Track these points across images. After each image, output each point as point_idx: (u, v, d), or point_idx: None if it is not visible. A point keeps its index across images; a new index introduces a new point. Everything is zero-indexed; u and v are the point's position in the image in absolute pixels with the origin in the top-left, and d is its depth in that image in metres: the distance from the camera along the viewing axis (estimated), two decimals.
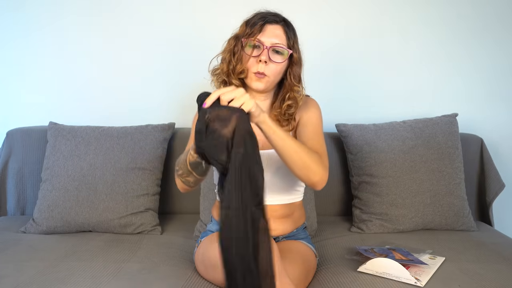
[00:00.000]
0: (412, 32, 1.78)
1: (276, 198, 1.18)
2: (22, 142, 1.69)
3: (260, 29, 1.10)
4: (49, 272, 1.14)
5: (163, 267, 1.19)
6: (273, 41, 1.10)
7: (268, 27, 1.10)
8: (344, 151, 1.64)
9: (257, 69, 1.10)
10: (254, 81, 1.12)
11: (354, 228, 1.52)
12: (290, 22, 1.16)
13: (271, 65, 1.10)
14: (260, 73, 1.10)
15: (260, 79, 1.11)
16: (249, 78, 1.13)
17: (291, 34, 1.14)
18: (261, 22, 1.10)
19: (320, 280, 1.13)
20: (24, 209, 1.69)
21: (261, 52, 1.09)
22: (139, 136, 1.55)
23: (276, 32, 1.11)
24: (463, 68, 1.79)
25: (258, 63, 1.09)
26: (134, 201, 1.47)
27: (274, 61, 1.10)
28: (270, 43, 1.09)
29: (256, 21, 1.11)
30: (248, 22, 1.13)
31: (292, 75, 1.15)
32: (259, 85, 1.12)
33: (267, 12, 1.14)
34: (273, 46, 1.09)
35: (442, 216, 1.46)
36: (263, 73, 1.10)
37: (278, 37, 1.10)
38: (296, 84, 1.16)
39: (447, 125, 1.55)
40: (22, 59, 1.83)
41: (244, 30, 1.13)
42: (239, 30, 1.16)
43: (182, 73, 1.79)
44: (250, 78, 1.12)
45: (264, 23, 1.10)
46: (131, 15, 1.80)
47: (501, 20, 1.76)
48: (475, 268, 1.15)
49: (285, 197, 1.20)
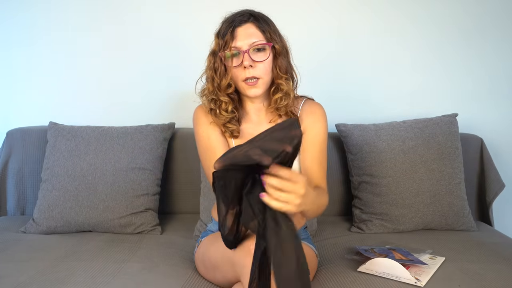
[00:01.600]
0: (412, 32, 1.78)
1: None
2: (22, 142, 1.69)
3: (232, 36, 1.06)
4: (49, 272, 1.14)
5: (163, 267, 1.19)
6: (248, 42, 1.05)
7: (238, 30, 1.06)
8: (344, 151, 1.64)
9: (245, 76, 1.06)
10: (248, 90, 1.09)
11: (354, 228, 1.52)
12: (259, 13, 1.11)
13: (258, 65, 1.06)
14: (250, 78, 1.06)
15: (253, 85, 1.08)
16: (242, 89, 1.10)
17: (264, 27, 1.08)
18: (230, 28, 1.06)
19: (320, 280, 1.13)
20: (24, 209, 1.69)
21: (242, 58, 1.05)
22: (139, 136, 1.55)
23: (248, 32, 1.06)
24: (463, 68, 1.79)
25: (244, 69, 1.06)
26: (134, 201, 1.47)
27: (258, 60, 1.06)
28: (247, 45, 1.05)
29: (225, 29, 1.07)
30: (219, 34, 1.10)
31: (278, 67, 1.11)
32: (256, 91, 1.09)
33: (233, 15, 1.10)
34: (251, 46, 1.06)
35: (442, 216, 1.46)
36: (253, 77, 1.07)
37: (252, 36, 1.06)
38: (283, 75, 1.12)
39: (447, 125, 1.55)
40: (22, 59, 1.83)
41: (218, 43, 1.09)
42: (213, 44, 1.12)
43: (182, 73, 1.79)
44: (243, 88, 1.09)
45: (233, 28, 1.06)
46: (131, 14, 1.80)
47: (501, 20, 1.76)
48: (475, 268, 1.15)
49: None
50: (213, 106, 1.14)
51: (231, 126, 1.14)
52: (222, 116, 1.13)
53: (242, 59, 1.06)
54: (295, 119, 0.81)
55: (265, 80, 1.10)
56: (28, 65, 1.83)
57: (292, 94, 1.14)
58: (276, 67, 1.11)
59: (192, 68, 1.26)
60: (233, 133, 1.15)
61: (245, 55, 1.05)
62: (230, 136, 1.16)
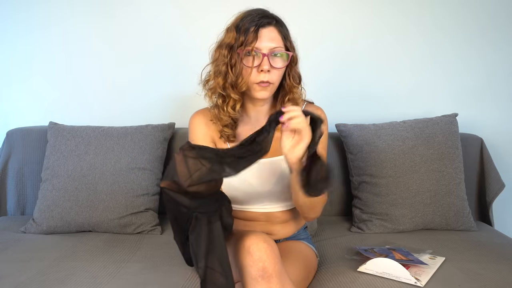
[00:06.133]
0: (412, 31, 1.78)
1: (278, 205, 1.17)
2: (22, 142, 1.69)
3: (255, 36, 1.01)
4: (49, 272, 1.14)
5: (163, 267, 1.19)
6: (270, 45, 1.03)
7: (262, 31, 1.02)
8: (344, 151, 1.64)
9: (260, 79, 1.03)
10: (258, 92, 1.06)
11: (354, 228, 1.52)
12: (280, 17, 1.09)
13: (274, 71, 1.04)
14: (266, 82, 1.04)
15: (265, 88, 1.05)
16: (253, 89, 1.06)
17: (285, 33, 1.07)
18: (253, 27, 1.02)
19: (320, 280, 1.13)
20: (24, 209, 1.69)
21: (261, 61, 1.02)
22: (139, 136, 1.55)
23: (271, 36, 1.03)
24: (463, 68, 1.79)
25: (260, 73, 1.03)
26: (134, 201, 1.47)
27: (276, 67, 1.04)
28: (268, 50, 1.02)
29: (247, 26, 1.02)
30: (239, 28, 1.04)
31: (292, 76, 1.10)
32: (264, 94, 1.07)
33: (257, 14, 1.05)
34: (271, 51, 1.03)
35: (442, 216, 1.46)
36: (267, 82, 1.04)
37: (274, 41, 1.03)
38: (296, 85, 1.12)
39: (447, 125, 1.55)
40: (22, 59, 1.83)
41: (236, 37, 1.03)
42: (226, 37, 1.07)
43: (183, 73, 1.79)
44: (253, 89, 1.06)
45: (258, 28, 1.02)
46: (131, 15, 1.80)
47: (500, 20, 1.76)
48: (475, 268, 1.15)
49: (287, 203, 1.18)
50: (220, 103, 1.10)
51: (228, 131, 1.12)
52: (227, 113, 1.10)
53: (261, 61, 1.02)
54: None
55: (275, 86, 1.08)
56: (28, 65, 1.83)
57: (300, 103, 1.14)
58: (290, 75, 1.10)
59: (192, 69, 1.25)
60: (229, 137, 1.13)
61: (264, 58, 1.02)
62: (226, 140, 1.14)
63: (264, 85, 1.04)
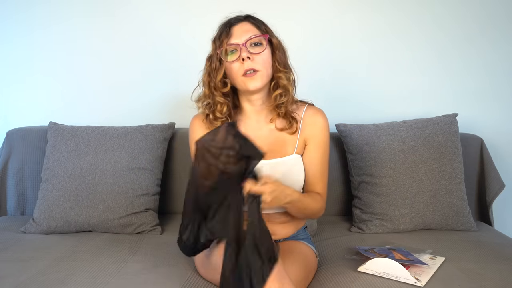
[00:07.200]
0: (412, 31, 1.78)
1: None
2: (22, 142, 1.69)
3: (227, 34, 1.07)
4: (49, 272, 1.14)
5: (163, 267, 1.19)
6: (245, 37, 1.07)
7: (234, 28, 1.08)
8: (344, 151, 1.64)
9: (243, 69, 1.06)
10: (248, 82, 1.07)
11: (354, 228, 1.52)
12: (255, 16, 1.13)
13: (256, 58, 1.07)
14: (249, 69, 1.06)
15: (252, 76, 1.07)
16: (242, 83, 1.08)
17: (260, 24, 1.11)
18: (225, 28, 1.08)
19: (320, 280, 1.13)
20: (24, 209, 1.69)
21: (239, 52, 1.06)
22: (139, 136, 1.55)
23: (244, 28, 1.08)
24: (463, 68, 1.79)
25: (242, 63, 1.06)
26: (134, 201, 1.47)
27: (255, 52, 1.07)
28: (243, 40, 1.06)
29: (221, 31, 1.10)
30: (215, 37, 1.12)
31: (277, 62, 1.12)
32: (256, 83, 1.08)
33: (229, 19, 1.12)
34: (248, 40, 1.06)
35: (442, 216, 1.46)
36: (252, 69, 1.06)
37: (248, 31, 1.08)
38: (282, 70, 1.12)
39: (447, 125, 1.55)
40: (22, 60, 1.83)
41: (214, 46, 1.11)
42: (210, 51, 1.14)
43: (183, 73, 1.79)
44: (243, 83, 1.08)
45: (229, 27, 1.08)
46: (131, 15, 1.80)
47: (501, 19, 1.76)
48: (475, 268, 1.15)
49: None
50: (208, 111, 1.14)
51: None
52: (217, 118, 1.13)
53: (239, 53, 1.06)
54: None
55: (264, 73, 1.08)
56: (28, 65, 1.83)
57: (291, 90, 1.14)
58: (275, 62, 1.12)
59: (192, 69, 1.26)
60: None
61: (242, 48, 1.06)
62: None
63: (250, 74, 1.07)
